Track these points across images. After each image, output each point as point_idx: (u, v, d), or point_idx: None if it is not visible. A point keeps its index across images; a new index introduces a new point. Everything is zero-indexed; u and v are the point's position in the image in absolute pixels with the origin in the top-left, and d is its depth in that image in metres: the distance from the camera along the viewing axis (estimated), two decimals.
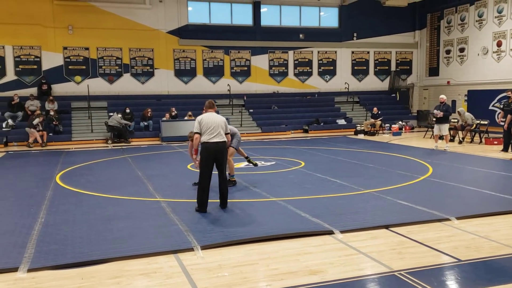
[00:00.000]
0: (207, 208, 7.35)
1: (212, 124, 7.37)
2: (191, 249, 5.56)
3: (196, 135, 7.49)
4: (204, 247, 5.62)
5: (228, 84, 23.74)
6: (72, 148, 17.50)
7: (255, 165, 10.15)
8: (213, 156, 7.38)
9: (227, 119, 13.03)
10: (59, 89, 21.81)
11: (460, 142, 17.03)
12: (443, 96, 15.39)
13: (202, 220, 6.81)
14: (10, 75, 21.21)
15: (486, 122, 17.32)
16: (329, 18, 26.35)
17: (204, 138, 7.36)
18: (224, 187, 7.63)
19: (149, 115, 20.88)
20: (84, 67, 22.24)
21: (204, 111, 7.84)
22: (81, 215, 7.24)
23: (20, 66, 21.30)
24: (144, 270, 4.99)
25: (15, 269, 4.98)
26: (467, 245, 5.66)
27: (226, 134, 7.63)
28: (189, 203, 7.87)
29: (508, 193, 8.33)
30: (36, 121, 18.00)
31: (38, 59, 21.52)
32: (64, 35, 21.68)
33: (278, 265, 5.10)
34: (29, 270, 4.97)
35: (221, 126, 7.46)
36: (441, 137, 15.52)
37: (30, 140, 17.96)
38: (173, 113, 20.97)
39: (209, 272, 4.94)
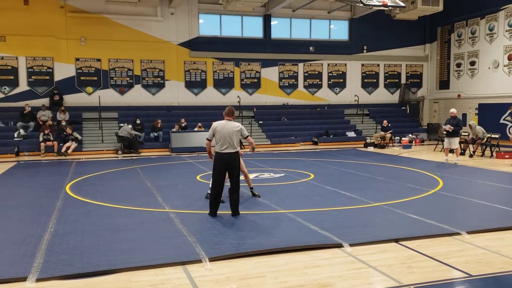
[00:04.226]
0: (216, 213, 7.66)
1: (223, 136, 7.52)
2: (199, 261, 5.54)
3: (207, 141, 7.80)
4: (212, 259, 5.60)
5: (238, 96, 23.82)
6: (82, 158, 17.62)
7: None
8: (225, 166, 7.58)
9: None
10: (70, 99, 22.04)
11: (470, 156, 16.90)
12: (453, 110, 15.32)
13: (210, 232, 6.79)
14: (23, 86, 21.50)
15: (497, 136, 17.19)
16: (339, 31, 26.43)
17: (217, 148, 7.60)
18: (236, 198, 7.72)
19: (159, 126, 20.99)
20: (95, 78, 22.47)
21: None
22: (90, 225, 7.27)
23: (33, 77, 21.57)
24: (152, 282, 4.98)
25: (23, 279, 5.00)
26: (478, 260, 5.59)
27: (246, 137, 7.84)
28: (198, 214, 7.87)
29: None
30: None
31: (51, 70, 21.79)
32: (77, 46, 21.97)
33: (287, 278, 5.07)
34: (38, 280, 4.98)
35: (233, 137, 7.57)
36: (451, 151, 15.42)
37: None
38: (182, 124, 21.07)
39: (217, 284, 4.91)
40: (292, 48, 25.27)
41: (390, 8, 22.05)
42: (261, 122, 23.64)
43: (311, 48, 25.66)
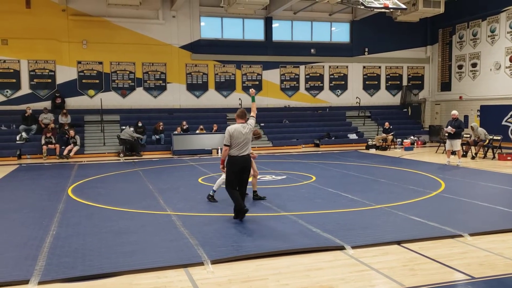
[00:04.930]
0: (244, 215, 7.58)
1: (241, 139, 7.56)
2: (201, 264, 5.54)
3: (226, 147, 7.63)
4: (214, 262, 5.59)
5: (239, 98, 23.84)
6: (84, 161, 17.64)
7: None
8: (240, 169, 7.60)
9: None
10: (72, 102, 22.08)
11: (473, 158, 16.86)
12: (455, 112, 15.30)
13: (212, 235, 6.79)
14: (25, 89, 21.54)
15: (499, 138, 17.16)
16: (341, 33, 26.44)
17: (233, 152, 7.56)
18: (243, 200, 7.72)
19: (161, 128, 21.01)
20: (97, 81, 22.51)
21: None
22: (92, 228, 7.27)
23: (35, 80, 21.62)
24: (154, 284, 4.98)
25: (26, 282, 5.00)
26: (481, 262, 5.58)
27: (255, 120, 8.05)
28: (200, 217, 7.87)
29: None
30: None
31: (53, 73, 21.84)
32: (78, 49, 22.01)
33: (289, 280, 5.06)
34: (40, 283, 4.98)
35: (249, 140, 7.70)
36: (453, 153, 15.39)
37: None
38: (184, 127, 21.09)
39: (219, 286, 4.91)
40: (293, 51, 25.28)
41: (391, 10, 22.07)
42: (262, 124, 23.62)
43: (312, 50, 25.66)
